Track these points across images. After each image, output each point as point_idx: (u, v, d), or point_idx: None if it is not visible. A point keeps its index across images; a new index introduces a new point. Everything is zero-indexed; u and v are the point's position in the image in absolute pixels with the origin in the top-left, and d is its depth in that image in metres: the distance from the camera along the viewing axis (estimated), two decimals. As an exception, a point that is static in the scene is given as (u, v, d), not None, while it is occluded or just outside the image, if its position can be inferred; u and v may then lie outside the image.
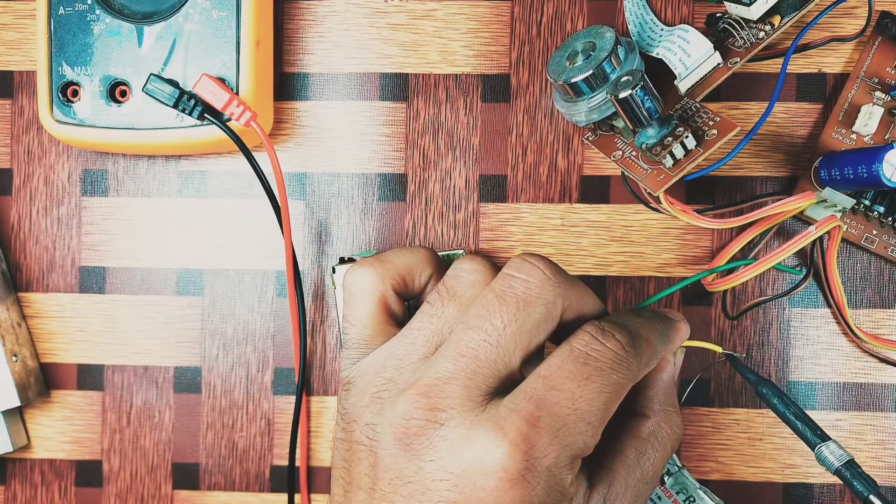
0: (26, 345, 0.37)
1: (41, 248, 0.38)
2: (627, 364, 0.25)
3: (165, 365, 0.38)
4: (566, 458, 0.24)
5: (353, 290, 0.28)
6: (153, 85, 0.33)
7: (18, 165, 0.38)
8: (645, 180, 0.32)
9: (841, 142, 0.35)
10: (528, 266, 0.26)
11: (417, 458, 0.24)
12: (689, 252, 0.36)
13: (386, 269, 0.28)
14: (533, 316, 0.25)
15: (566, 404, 0.24)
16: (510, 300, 0.25)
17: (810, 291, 0.36)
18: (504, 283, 0.26)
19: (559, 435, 0.24)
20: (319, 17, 0.37)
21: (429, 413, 0.24)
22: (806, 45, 0.34)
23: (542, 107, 0.36)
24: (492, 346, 0.25)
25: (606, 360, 0.25)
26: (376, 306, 0.28)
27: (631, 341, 0.25)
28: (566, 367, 0.24)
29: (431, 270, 0.29)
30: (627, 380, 0.25)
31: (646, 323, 0.27)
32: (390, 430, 0.24)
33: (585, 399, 0.24)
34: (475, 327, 0.25)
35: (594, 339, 0.25)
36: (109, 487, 0.38)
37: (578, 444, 0.24)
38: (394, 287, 0.28)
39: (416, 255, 0.29)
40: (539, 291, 0.25)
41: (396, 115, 0.37)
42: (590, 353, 0.25)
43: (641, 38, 0.35)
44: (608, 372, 0.25)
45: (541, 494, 0.23)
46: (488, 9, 0.36)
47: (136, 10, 0.34)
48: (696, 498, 0.32)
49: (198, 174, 0.37)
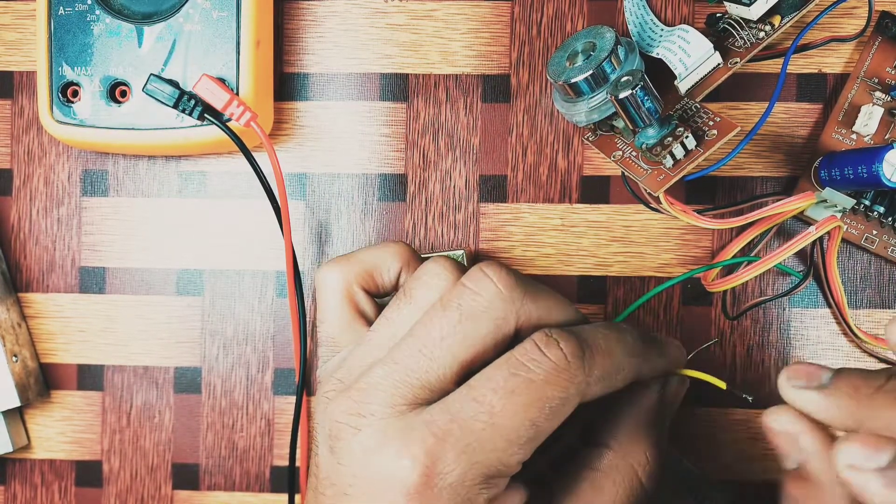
0: (26, 345, 0.37)
1: (41, 248, 0.38)
2: (569, 376, 0.23)
3: (165, 365, 0.38)
4: (476, 475, 0.22)
5: (321, 289, 0.28)
6: (153, 85, 0.33)
7: (18, 166, 0.38)
8: (645, 180, 0.32)
9: (841, 142, 0.35)
10: (481, 278, 0.24)
11: (338, 461, 0.24)
12: (690, 252, 0.36)
13: (352, 267, 0.28)
14: (477, 331, 0.24)
15: (482, 418, 0.22)
16: (453, 312, 0.24)
17: (810, 291, 0.36)
18: (453, 294, 0.24)
19: (467, 451, 0.22)
20: (319, 17, 0.37)
21: (350, 417, 0.24)
22: (806, 45, 0.34)
23: (542, 107, 0.36)
24: (425, 356, 0.24)
25: (542, 370, 0.23)
26: (343, 304, 0.28)
27: (578, 351, 0.23)
28: (494, 378, 0.23)
29: (400, 265, 0.28)
30: (567, 394, 0.23)
31: (610, 335, 0.25)
32: (324, 430, 0.25)
33: (506, 413, 0.22)
34: (414, 335, 0.24)
35: (535, 347, 0.23)
36: (109, 488, 0.38)
37: (492, 463, 0.22)
38: (361, 284, 0.28)
39: (385, 251, 0.28)
40: (487, 306, 0.24)
41: (396, 115, 0.37)
42: (524, 363, 0.23)
43: (641, 38, 0.35)
44: (541, 385, 0.23)
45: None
46: (488, 9, 0.36)
47: (136, 10, 0.34)
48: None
49: (198, 174, 0.37)
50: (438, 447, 0.22)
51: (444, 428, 0.22)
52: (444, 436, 0.22)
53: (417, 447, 0.22)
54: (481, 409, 0.23)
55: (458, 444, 0.22)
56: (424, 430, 0.23)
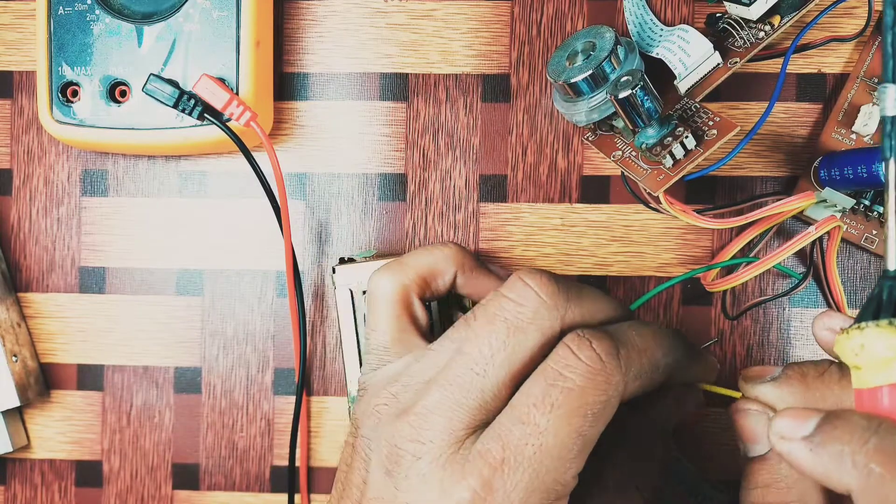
0: (26, 345, 0.37)
1: (41, 248, 0.38)
2: (606, 377, 0.23)
3: (165, 365, 0.38)
4: (535, 501, 0.22)
5: (375, 296, 0.28)
6: (153, 85, 0.33)
7: (18, 165, 0.38)
8: (645, 180, 0.32)
9: (841, 142, 0.35)
10: (522, 287, 0.24)
11: (396, 486, 0.23)
12: (689, 252, 0.36)
13: (406, 274, 0.27)
14: (525, 343, 0.24)
15: (531, 441, 0.22)
16: (500, 325, 0.24)
17: (810, 291, 0.36)
18: (496, 306, 0.24)
19: (523, 478, 0.22)
20: (319, 17, 0.37)
21: (409, 444, 0.23)
22: (806, 45, 0.34)
23: (542, 107, 0.36)
24: (478, 374, 0.23)
25: (578, 376, 0.22)
26: (397, 313, 0.27)
27: (612, 349, 0.23)
28: (533, 394, 0.23)
29: (455, 269, 0.28)
30: (607, 397, 0.23)
31: (646, 332, 0.25)
32: (380, 450, 0.24)
33: (552, 431, 0.22)
34: (465, 353, 0.24)
35: (569, 352, 0.23)
36: (109, 488, 0.38)
37: (549, 484, 0.22)
38: (416, 292, 0.28)
39: (437, 255, 0.28)
40: (532, 317, 0.24)
41: (396, 115, 0.37)
42: (560, 372, 0.23)
43: (641, 38, 0.35)
44: (580, 392, 0.22)
45: None
46: (488, 9, 0.36)
47: (135, 10, 0.34)
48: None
49: (198, 174, 0.37)
50: (497, 478, 0.22)
51: (499, 457, 0.22)
52: (499, 465, 0.22)
53: (476, 479, 0.22)
54: (527, 430, 0.22)
55: (514, 472, 0.22)
56: (480, 460, 0.22)
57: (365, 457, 0.25)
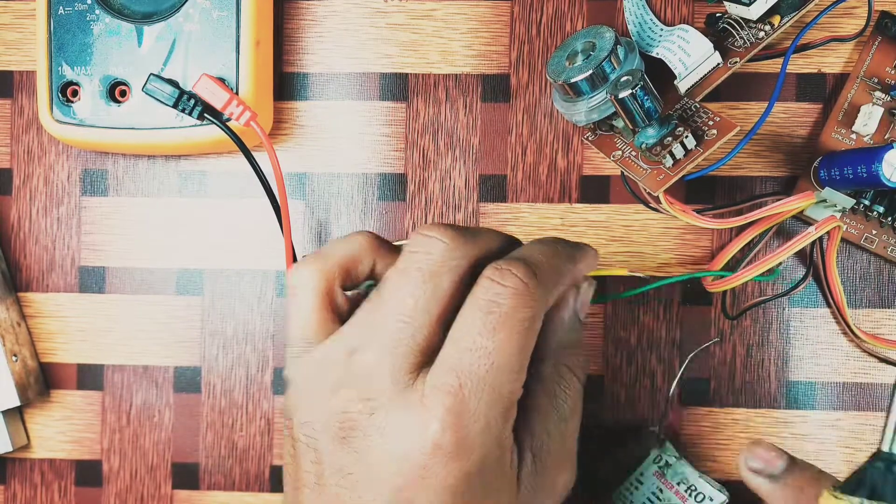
0: (26, 345, 0.37)
1: (41, 248, 0.38)
2: (532, 296, 0.25)
3: (165, 365, 0.38)
4: (497, 413, 0.24)
5: (297, 288, 0.28)
6: (153, 85, 0.33)
7: (18, 165, 0.38)
8: (645, 180, 0.32)
9: (841, 142, 0.35)
10: (425, 239, 0.26)
11: (355, 449, 0.24)
12: (689, 252, 0.36)
13: (327, 264, 0.28)
14: (442, 284, 0.25)
15: (483, 363, 0.24)
16: (415, 275, 0.25)
17: (810, 291, 0.36)
18: (407, 262, 0.26)
19: (484, 396, 0.24)
20: (319, 17, 0.37)
21: (358, 405, 0.24)
22: (806, 45, 0.34)
23: (541, 107, 0.36)
24: (406, 322, 0.25)
25: (509, 301, 0.25)
26: (317, 303, 0.27)
27: (530, 272, 0.25)
28: (474, 324, 0.24)
29: (373, 256, 0.28)
30: (536, 311, 0.25)
31: (545, 249, 0.27)
32: (327, 426, 0.25)
33: (499, 350, 0.24)
34: (388, 309, 0.25)
35: (493, 282, 0.25)
36: (109, 487, 0.38)
37: (505, 395, 0.24)
38: (337, 281, 0.28)
39: (355, 244, 0.28)
40: (442, 260, 0.25)
41: (396, 115, 0.37)
42: (492, 300, 0.25)
43: (641, 38, 0.35)
44: (513, 313, 0.24)
45: (480, 456, 0.24)
46: (488, 9, 0.36)
47: (135, 10, 0.34)
48: (696, 486, 0.32)
49: (198, 174, 0.37)
50: (459, 403, 0.24)
51: (456, 384, 0.24)
52: (458, 390, 0.24)
53: (440, 410, 0.24)
54: (478, 355, 0.24)
55: (473, 392, 0.24)
56: (438, 393, 0.24)
57: (310, 439, 0.25)
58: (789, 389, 0.36)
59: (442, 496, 0.24)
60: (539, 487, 0.26)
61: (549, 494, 0.27)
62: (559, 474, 0.27)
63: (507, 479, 0.25)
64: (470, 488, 0.24)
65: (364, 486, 0.24)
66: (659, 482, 0.33)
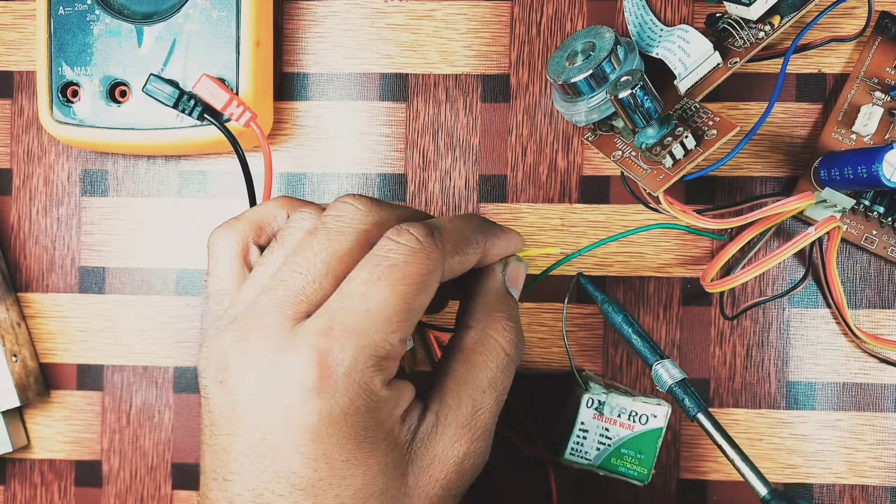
0: (26, 345, 0.37)
1: (41, 248, 0.38)
2: (426, 254, 0.25)
3: (165, 365, 0.38)
4: (365, 359, 0.24)
5: (212, 248, 0.29)
6: (153, 85, 0.33)
7: (18, 165, 0.38)
8: (645, 180, 0.32)
9: (841, 142, 0.35)
10: (340, 204, 0.26)
11: (231, 390, 0.25)
12: (689, 252, 0.36)
13: (239, 223, 0.29)
14: (344, 244, 0.26)
15: (357, 307, 0.24)
16: (321, 233, 0.26)
17: (810, 291, 0.36)
18: (319, 221, 0.26)
19: (352, 339, 0.24)
20: (319, 17, 0.37)
21: (237, 344, 0.25)
22: (806, 46, 0.34)
23: (541, 107, 0.36)
24: (300, 274, 0.25)
25: (400, 255, 0.25)
26: (231, 259, 0.28)
27: (426, 232, 0.26)
28: (360, 274, 0.25)
29: (286, 211, 0.29)
30: (429, 269, 0.25)
31: (454, 218, 0.28)
32: (210, 370, 0.25)
33: (377, 297, 0.24)
34: (290, 261, 0.26)
35: (389, 239, 0.25)
36: (109, 487, 0.38)
37: (378, 343, 0.24)
38: (251, 238, 0.29)
39: (270, 204, 0.29)
40: (350, 221, 0.26)
41: (396, 115, 0.37)
42: (384, 255, 0.25)
43: (641, 38, 0.35)
44: (402, 265, 0.25)
45: (344, 401, 0.24)
46: (488, 9, 0.36)
47: (135, 10, 0.34)
48: (636, 410, 0.31)
49: (198, 174, 0.37)
50: (325, 342, 0.24)
51: (327, 324, 0.24)
52: (328, 331, 0.24)
53: (307, 348, 0.24)
54: (354, 300, 0.24)
55: (343, 334, 0.24)
56: (308, 333, 0.24)
57: (202, 389, 0.26)
58: (789, 390, 0.36)
59: (304, 436, 0.24)
60: (436, 453, 0.26)
61: (445, 464, 0.26)
62: (460, 444, 0.27)
63: (385, 432, 0.25)
64: (335, 433, 0.24)
65: (238, 425, 0.24)
66: (600, 423, 0.32)
